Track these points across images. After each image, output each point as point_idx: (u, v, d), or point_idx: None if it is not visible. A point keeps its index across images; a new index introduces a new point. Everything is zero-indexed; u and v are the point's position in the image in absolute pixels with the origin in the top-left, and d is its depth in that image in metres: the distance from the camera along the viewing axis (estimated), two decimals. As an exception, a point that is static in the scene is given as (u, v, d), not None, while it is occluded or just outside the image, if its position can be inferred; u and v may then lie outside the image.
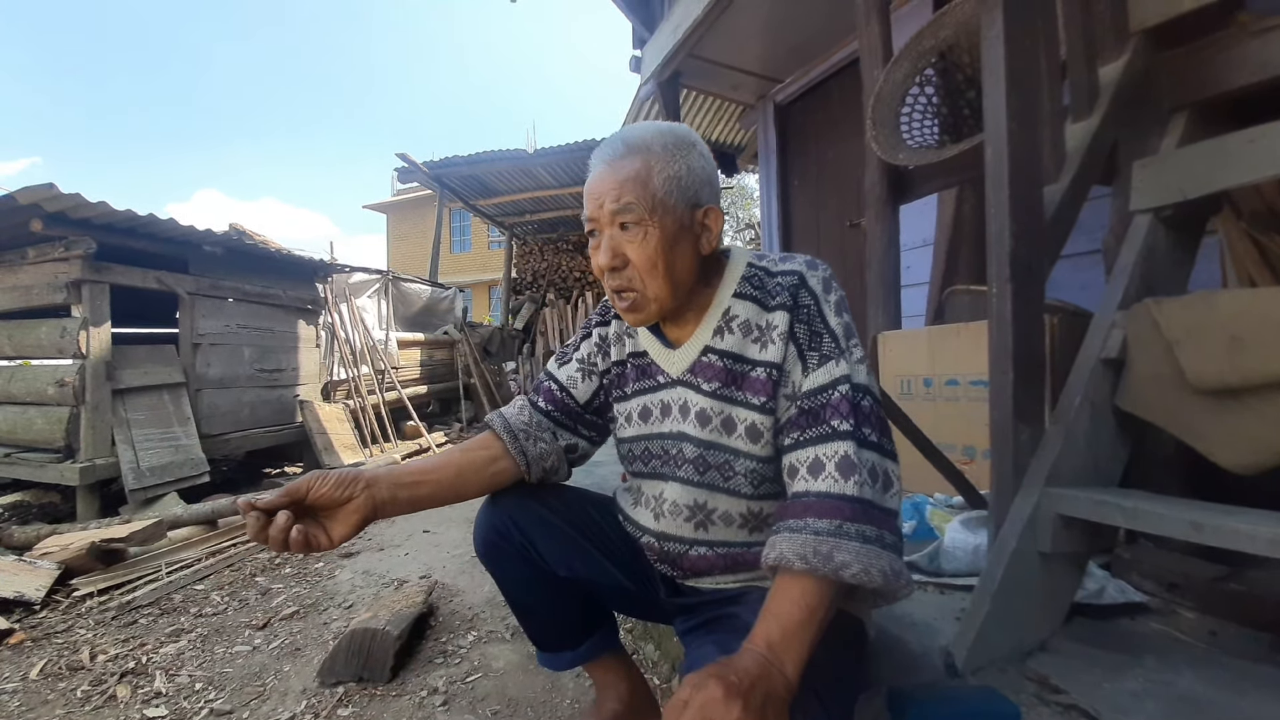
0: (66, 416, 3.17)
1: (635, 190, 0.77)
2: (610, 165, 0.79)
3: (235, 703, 1.43)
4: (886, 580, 0.69)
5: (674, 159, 0.79)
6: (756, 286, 0.83)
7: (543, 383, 1.00)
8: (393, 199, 21.03)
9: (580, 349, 0.98)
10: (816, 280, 0.81)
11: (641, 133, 0.80)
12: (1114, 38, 1.36)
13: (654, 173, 0.78)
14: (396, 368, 5.84)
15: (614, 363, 0.95)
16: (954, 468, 1.45)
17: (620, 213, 0.78)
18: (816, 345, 0.77)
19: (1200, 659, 0.96)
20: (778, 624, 0.67)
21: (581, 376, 0.97)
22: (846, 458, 0.72)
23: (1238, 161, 1.05)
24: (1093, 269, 1.70)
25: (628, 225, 0.78)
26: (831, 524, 0.70)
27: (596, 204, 0.80)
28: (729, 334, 0.82)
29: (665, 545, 0.89)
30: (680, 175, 0.78)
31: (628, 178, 0.78)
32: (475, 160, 7.52)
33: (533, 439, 0.95)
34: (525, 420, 0.96)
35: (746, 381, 0.81)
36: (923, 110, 1.85)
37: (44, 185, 2.87)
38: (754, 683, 0.61)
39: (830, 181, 3.88)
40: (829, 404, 0.75)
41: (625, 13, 4.32)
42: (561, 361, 1.00)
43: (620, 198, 0.77)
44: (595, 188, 0.80)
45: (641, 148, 0.79)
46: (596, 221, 0.81)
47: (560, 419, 0.97)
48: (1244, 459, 0.92)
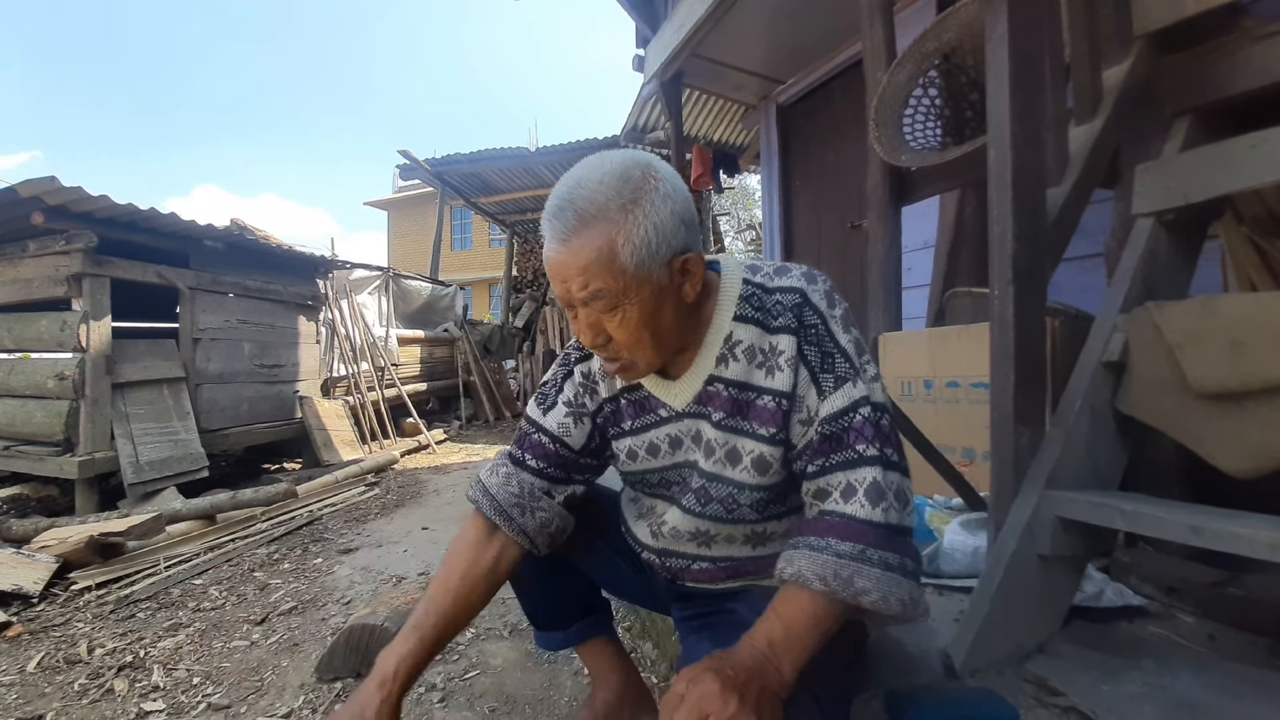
0: (66, 410, 3.17)
1: (602, 275, 0.68)
2: (566, 245, 0.68)
3: (233, 697, 1.43)
4: (904, 608, 0.68)
5: (636, 219, 0.67)
6: (756, 307, 0.77)
7: (528, 434, 0.89)
8: (394, 196, 21.01)
9: (563, 390, 0.89)
10: (819, 295, 0.76)
11: (592, 194, 0.68)
12: (1118, 42, 1.36)
13: (618, 247, 0.67)
14: (396, 365, 5.84)
15: (605, 400, 0.87)
16: (954, 470, 1.45)
17: (593, 299, 0.70)
18: (830, 367, 0.73)
19: (1199, 662, 0.96)
20: (782, 625, 0.67)
21: (573, 421, 0.87)
22: (875, 484, 0.70)
23: (1240, 166, 1.05)
24: (1094, 272, 1.70)
25: (603, 308, 0.70)
26: (855, 548, 0.68)
27: (563, 286, 0.71)
28: (734, 361, 0.76)
29: (667, 561, 0.88)
30: (648, 238, 0.68)
31: (590, 262, 0.67)
32: (477, 158, 7.52)
33: (528, 511, 0.86)
34: (515, 491, 0.86)
35: (753, 410, 0.76)
36: (925, 112, 1.85)
37: (46, 178, 2.87)
38: (750, 677, 0.61)
39: (832, 183, 3.88)
40: (851, 427, 0.71)
41: (629, 12, 4.32)
42: (545, 406, 0.89)
43: (587, 284, 0.69)
44: (556, 269, 0.70)
45: (597, 215, 0.68)
46: (567, 301, 0.73)
47: (555, 474, 0.88)
48: (1244, 463, 0.92)
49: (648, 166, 0.71)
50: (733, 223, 14.10)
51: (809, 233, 4.14)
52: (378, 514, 3.12)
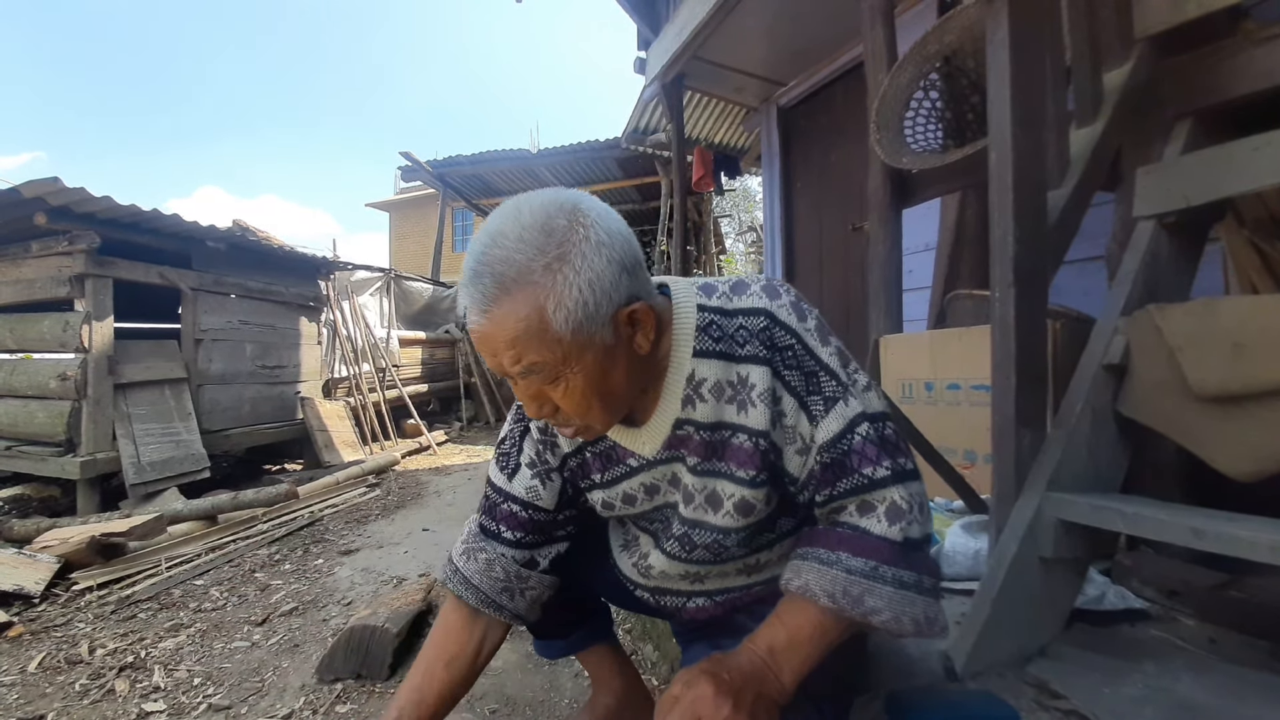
0: (68, 410, 3.18)
1: (534, 348, 0.60)
2: (488, 316, 0.59)
3: (233, 698, 1.43)
4: (918, 628, 0.64)
5: (566, 278, 0.58)
6: (716, 337, 0.69)
7: (497, 505, 0.83)
8: (395, 197, 21.03)
9: (524, 449, 0.82)
10: (786, 311, 0.68)
11: (509, 253, 0.59)
12: (1119, 44, 1.36)
13: (548, 314, 0.58)
14: (397, 366, 5.85)
15: (568, 454, 0.80)
16: (955, 472, 1.45)
17: (527, 373, 0.62)
18: (817, 388, 0.67)
19: (1200, 665, 0.96)
20: (785, 633, 0.65)
21: (540, 483, 0.81)
22: (895, 505, 0.66)
23: (1241, 169, 1.05)
24: (1096, 275, 1.70)
25: (543, 379, 0.63)
26: (867, 564, 0.64)
27: (493, 359, 0.62)
28: (701, 401, 0.69)
29: (662, 600, 0.86)
30: (582, 299, 0.59)
31: (518, 335, 0.59)
32: (478, 160, 7.54)
33: (517, 594, 0.82)
34: (499, 576, 0.82)
35: (729, 450, 0.70)
36: (927, 114, 1.86)
37: (49, 179, 2.88)
38: (746, 682, 0.61)
39: (833, 185, 3.89)
40: (852, 450, 0.66)
41: (630, 14, 4.33)
42: (508, 471, 0.83)
43: (520, 358, 0.60)
44: (482, 342, 0.61)
45: (517, 279, 0.58)
46: (502, 372, 0.64)
47: (534, 540, 0.83)
48: (1245, 466, 0.92)
49: (574, 211, 0.61)
50: (734, 225, 14.17)
51: (810, 235, 4.14)
52: (379, 515, 3.12)
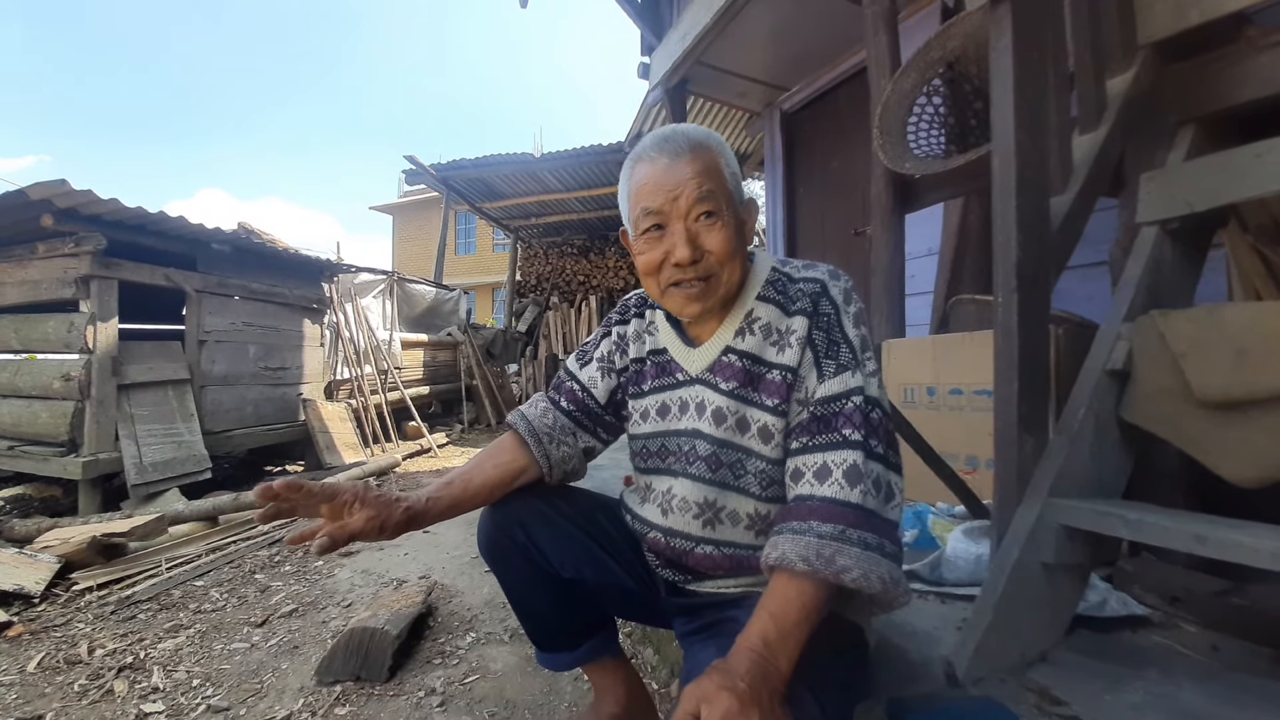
0: (71, 411, 3.18)
1: (715, 179, 0.80)
2: (679, 158, 0.80)
3: (232, 699, 1.43)
4: (885, 587, 0.70)
5: (727, 155, 0.83)
6: (780, 291, 0.84)
7: (564, 382, 1.01)
8: (399, 200, 21.12)
9: (600, 347, 1.00)
10: (838, 290, 0.82)
11: (695, 131, 0.83)
12: (1122, 50, 1.36)
13: (722, 166, 0.81)
14: (399, 368, 5.86)
15: (632, 360, 0.96)
16: (957, 477, 1.45)
17: (703, 200, 0.79)
18: (833, 354, 0.78)
19: (1202, 673, 0.96)
20: (774, 623, 0.67)
21: (601, 375, 0.98)
22: (854, 466, 0.73)
23: (1244, 176, 1.05)
24: (1099, 280, 1.70)
25: (708, 214, 0.79)
26: (835, 528, 0.71)
27: (669, 196, 0.79)
28: (750, 335, 0.83)
29: (672, 541, 0.88)
30: (735, 171, 0.83)
31: (705, 168, 0.80)
32: (482, 163, 7.56)
33: (556, 442, 0.97)
34: (549, 424, 0.97)
35: (763, 383, 0.82)
36: (930, 120, 1.86)
37: (57, 181, 2.90)
38: (759, 685, 0.62)
39: (835, 190, 3.89)
40: (841, 413, 0.76)
41: (634, 20, 4.35)
42: (582, 361, 1.01)
43: (703, 185, 0.79)
44: (666, 180, 0.80)
45: (707, 141, 0.82)
46: (665, 215, 0.80)
47: (582, 419, 0.99)
48: (1248, 472, 0.92)
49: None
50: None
51: (813, 239, 4.15)
52: (379, 517, 3.11)
